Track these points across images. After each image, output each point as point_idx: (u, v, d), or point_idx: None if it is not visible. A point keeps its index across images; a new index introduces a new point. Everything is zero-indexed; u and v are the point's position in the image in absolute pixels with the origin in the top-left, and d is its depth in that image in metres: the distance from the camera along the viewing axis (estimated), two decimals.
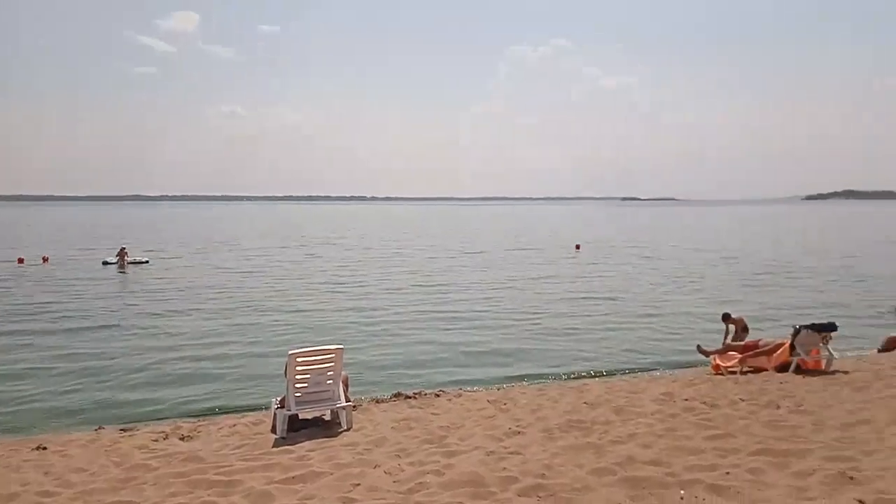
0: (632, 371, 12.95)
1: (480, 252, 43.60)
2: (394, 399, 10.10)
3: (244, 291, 24.60)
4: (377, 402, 9.99)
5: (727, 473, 5.48)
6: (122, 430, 8.96)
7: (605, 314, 19.75)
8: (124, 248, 34.84)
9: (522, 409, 8.76)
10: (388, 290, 25.21)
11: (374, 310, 20.47)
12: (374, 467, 6.15)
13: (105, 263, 33.67)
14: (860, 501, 4.78)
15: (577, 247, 46.49)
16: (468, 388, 11.14)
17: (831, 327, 11.05)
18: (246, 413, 10.00)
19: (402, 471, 5.98)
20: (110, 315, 19.57)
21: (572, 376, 12.45)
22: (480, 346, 15.45)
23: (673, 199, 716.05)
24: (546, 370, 13.04)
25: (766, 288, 25.65)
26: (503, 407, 8.95)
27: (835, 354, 11.12)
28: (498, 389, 11.00)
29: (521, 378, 12.35)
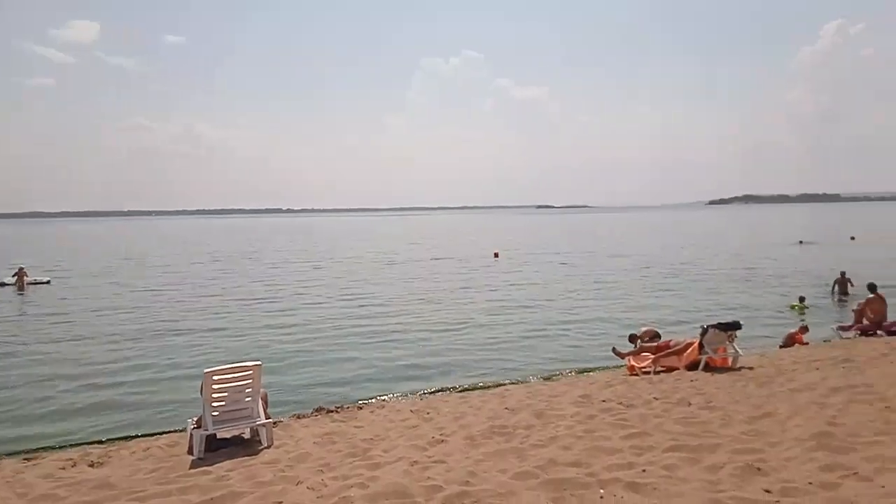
0: (552, 376, 13.20)
1: (400, 263, 43.57)
2: (316, 414, 9.95)
3: (154, 311, 23.70)
4: (298, 417, 9.82)
5: (644, 471, 5.66)
6: (25, 459, 8.46)
7: (525, 322, 20.09)
8: (23, 268, 32.97)
9: (445, 417, 8.79)
10: (307, 304, 24.85)
11: (294, 326, 20.13)
12: (297, 484, 6.04)
13: (2, 285, 31.77)
14: (767, 491, 5.02)
15: (496, 255, 47.14)
16: (391, 399, 11.10)
17: (736, 326, 11.60)
18: (160, 435, 9.63)
19: (326, 486, 5.90)
20: (9, 341, 18.46)
21: (493, 385, 12.57)
22: (402, 360, 15.39)
23: (586, 207, 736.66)
24: (469, 381, 13.10)
25: (676, 291, 26.73)
26: (426, 416, 8.96)
27: (740, 351, 11.67)
28: (420, 399, 11.00)
29: (444, 391, 12.36)
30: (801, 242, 53.69)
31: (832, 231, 74.23)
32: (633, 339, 13.43)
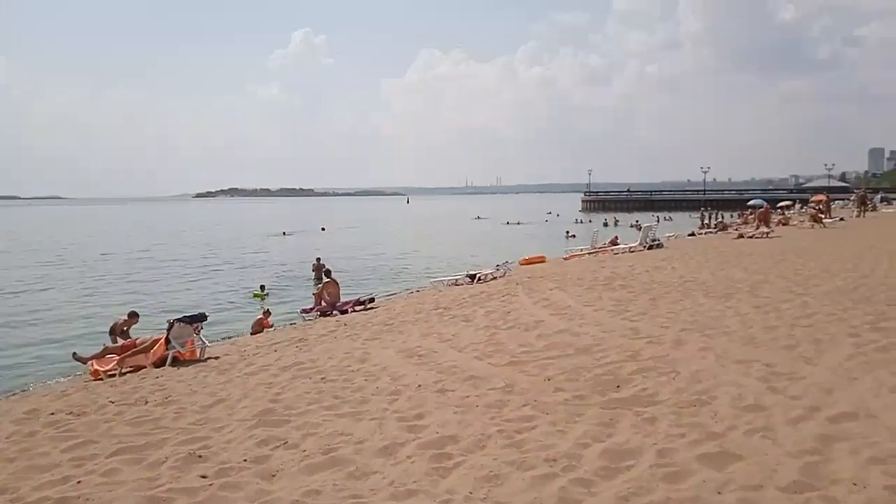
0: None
1: None
2: None
3: None
4: None
5: (78, 482, 5.27)
6: None
7: None
8: None
9: None
10: None
11: None
12: None
13: None
14: (203, 476, 5.17)
15: None
16: None
17: (202, 318, 11.80)
18: None
19: None
20: None
21: None
22: None
23: (60, 198, 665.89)
24: None
25: (155, 286, 26.13)
26: None
27: (207, 342, 11.91)
28: None
29: None
30: (284, 233, 57.81)
31: (308, 222, 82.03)
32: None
